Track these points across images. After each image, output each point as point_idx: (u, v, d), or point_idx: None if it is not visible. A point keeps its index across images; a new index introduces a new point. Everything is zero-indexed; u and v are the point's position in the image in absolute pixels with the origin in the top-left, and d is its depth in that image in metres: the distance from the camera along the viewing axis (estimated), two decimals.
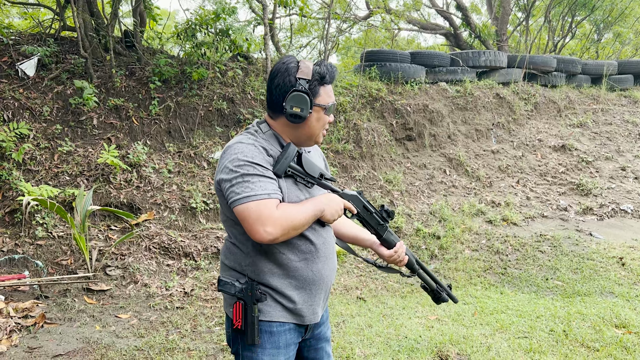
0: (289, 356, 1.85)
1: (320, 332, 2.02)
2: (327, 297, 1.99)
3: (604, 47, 16.21)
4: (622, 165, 8.76)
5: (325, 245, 1.87)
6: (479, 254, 6.04)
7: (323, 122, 1.83)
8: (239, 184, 1.65)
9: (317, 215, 1.75)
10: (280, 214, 1.64)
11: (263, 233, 1.62)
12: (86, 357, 3.52)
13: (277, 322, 1.80)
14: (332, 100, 1.83)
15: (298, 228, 1.70)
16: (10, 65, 6.38)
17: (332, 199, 1.82)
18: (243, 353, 1.81)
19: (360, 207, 1.94)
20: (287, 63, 1.78)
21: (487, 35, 12.70)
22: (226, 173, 1.68)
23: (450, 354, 3.59)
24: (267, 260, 1.78)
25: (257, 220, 1.61)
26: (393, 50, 9.42)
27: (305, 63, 1.77)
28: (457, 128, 8.85)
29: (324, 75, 1.78)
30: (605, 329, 4.06)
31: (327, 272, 1.88)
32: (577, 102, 10.48)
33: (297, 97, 1.72)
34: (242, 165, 1.67)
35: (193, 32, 6.86)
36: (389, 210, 1.98)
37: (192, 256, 5.16)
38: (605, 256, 5.92)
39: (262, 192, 1.64)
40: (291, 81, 1.74)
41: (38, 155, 5.57)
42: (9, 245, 4.76)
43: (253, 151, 1.70)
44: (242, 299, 1.75)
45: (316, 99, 1.78)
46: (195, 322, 4.13)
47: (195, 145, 6.46)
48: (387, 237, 2.00)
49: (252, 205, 1.62)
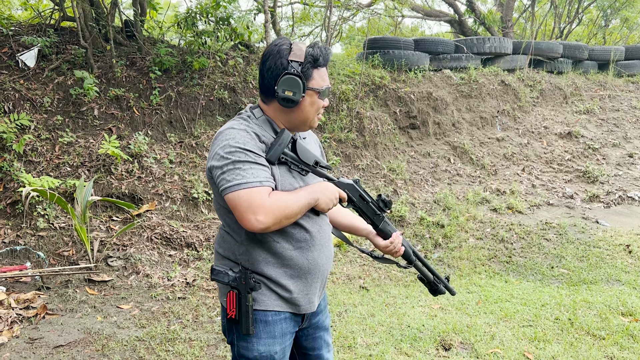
0: (285, 345, 1.82)
1: (318, 321, 1.98)
2: (324, 286, 1.95)
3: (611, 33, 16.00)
4: (629, 152, 8.65)
5: (320, 233, 1.83)
6: (484, 242, 5.99)
7: (317, 107, 1.77)
8: (230, 171, 1.60)
9: (310, 204, 1.70)
10: (272, 202, 1.59)
11: (254, 222, 1.57)
12: (87, 347, 3.51)
13: (272, 311, 1.77)
14: (327, 84, 1.77)
15: (291, 217, 1.65)
16: (10, 57, 6.34)
17: (326, 188, 1.76)
18: (238, 343, 1.78)
19: (356, 196, 1.89)
20: (280, 45, 1.71)
21: (492, 22, 12.54)
22: (217, 160, 1.64)
23: (453, 343, 3.56)
24: (262, 249, 1.74)
25: (248, 208, 1.57)
26: (396, 38, 9.31)
27: (297, 45, 1.70)
28: (462, 116, 8.75)
29: (318, 57, 1.71)
30: (612, 317, 4.01)
31: (322, 260, 1.84)
32: (584, 88, 10.35)
33: (289, 80, 1.66)
34: (233, 151, 1.62)
35: (193, 20, 6.79)
36: (386, 200, 1.93)
37: (194, 246, 5.14)
38: (612, 244, 5.85)
39: (253, 180, 1.59)
40: (283, 64, 1.68)
41: (39, 147, 5.55)
42: (10, 237, 4.75)
43: (245, 137, 1.65)
44: (236, 288, 1.71)
45: (309, 82, 1.71)
46: (197, 312, 4.11)
47: (197, 135, 6.42)
48: (384, 228, 1.96)
49: (243, 193, 1.58)
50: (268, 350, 1.76)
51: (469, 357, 3.39)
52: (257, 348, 1.75)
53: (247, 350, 1.76)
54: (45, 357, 3.36)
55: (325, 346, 2.03)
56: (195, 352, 3.46)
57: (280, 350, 1.79)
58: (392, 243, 1.98)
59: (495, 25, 12.68)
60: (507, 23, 12.84)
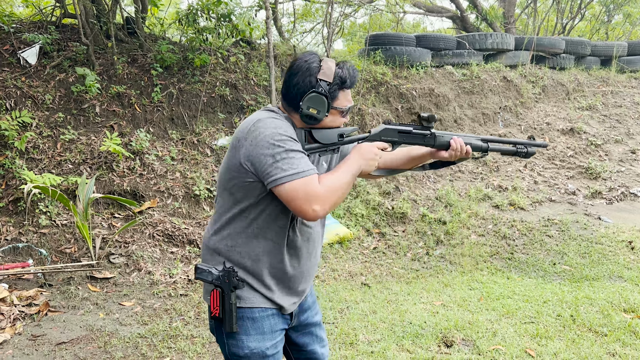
0: (276, 341, 1.82)
1: (306, 318, 2.00)
2: (309, 287, 1.98)
3: (613, 29, 15.92)
4: (632, 148, 8.62)
5: (310, 242, 1.85)
6: (486, 239, 5.98)
7: (338, 124, 1.80)
8: (284, 160, 1.58)
9: (355, 174, 1.72)
10: (324, 189, 1.61)
11: (312, 212, 1.59)
12: (89, 344, 3.52)
13: (258, 307, 1.77)
14: (350, 104, 1.80)
15: (342, 196, 1.67)
16: (12, 54, 6.34)
17: (363, 151, 1.77)
18: (228, 341, 1.78)
19: (395, 136, 1.88)
20: (310, 62, 1.72)
21: (494, 18, 12.49)
22: (266, 147, 1.59)
23: (455, 340, 3.55)
24: (259, 246, 1.75)
25: (306, 199, 1.58)
26: (398, 34, 9.27)
27: (327, 63, 1.72)
28: (464, 112, 8.73)
29: (345, 80, 1.73)
30: (614, 313, 4.00)
31: (307, 267, 1.87)
32: (586, 84, 10.30)
33: (315, 98, 1.68)
34: (285, 140, 1.61)
35: (195, 17, 6.78)
36: (426, 117, 1.89)
37: (195, 243, 5.14)
38: (614, 240, 5.84)
39: (307, 168, 1.60)
40: (312, 82, 1.69)
41: (41, 144, 5.55)
42: (13, 234, 4.77)
43: (289, 127, 1.67)
44: (220, 286, 1.72)
45: (334, 102, 1.74)
46: (198, 309, 4.12)
47: (198, 132, 6.42)
48: (439, 143, 1.93)
49: (299, 183, 1.58)
50: (259, 347, 1.76)
51: (470, 353, 3.39)
52: (248, 345, 1.76)
53: (237, 348, 1.77)
54: (47, 354, 3.37)
55: (319, 341, 2.04)
56: (197, 349, 3.46)
57: (271, 346, 1.80)
58: (455, 150, 1.96)
59: (498, 21, 12.63)
60: (509, 19, 12.79)
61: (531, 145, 2.10)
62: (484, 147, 2.03)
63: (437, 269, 5.31)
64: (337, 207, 6.09)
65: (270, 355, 1.80)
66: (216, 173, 6.01)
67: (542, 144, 2.14)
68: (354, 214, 6.13)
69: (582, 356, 3.34)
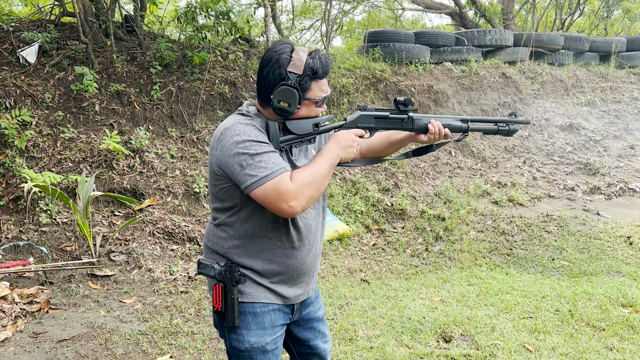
0: (276, 337, 1.84)
1: (309, 312, 2.00)
2: (313, 281, 1.98)
3: (612, 24, 15.91)
4: (630, 144, 8.64)
5: (311, 232, 1.85)
6: (485, 235, 6.00)
7: (315, 114, 1.77)
8: (250, 165, 1.60)
9: (334, 163, 1.71)
10: (296, 185, 1.61)
11: (288, 209, 1.60)
12: (90, 341, 3.54)
13: (260, 302, 1.79)
14: (325, 93, 1.76)
15: (320, 186, 1.66)
16: (11, 52, 6.35)
17: (340, 139, 1.76)
18: (229, 335, 1.80)
19: (371, 122, 1.87)
20: (280, 53, 1.68)
21: (492, 14, 12.49)
22: (232, 156, 1.62)
23: (454, 335, 3.58)
24: (252, 244, 1.76)
25: (278, 199, 1.59)
26: (397, 30, 9.28)
27: (298, 54, 1.68)
28: (463, 108, 8.74)
29: (317, 70, 1.69)
30: (612, 308, 4.03)
31: (310, 259, 1.87)
32: (585, 80, 10.31)
33: (285, 91, 1.65)
34: (250, 145, 1.62)
35: (193, 15, 6.79)
36: (402, 100, 1.89)
37: (196, 241, 5.16)
38: (613, 235, 5.86)
39: (275, 169, 1.60)
40: (281, 74, 1.66)
41: (41, 142, 5.57)
42: (13, 232, 4.78)
43: (254, 130, 1.66)
44: (222, 281, 1.74)
45: (307, 93, 1.70)
46: (199, 306, 4.14)
47: (198, 130, 6.43)
48: (417, 126, 1.92)
49: (269, 185, 1.59)
50: (259, 342, 1.78)
51: (469, 348, 3.41)
52: (248, 339, 1.77)
53: (238, 343, 1.78)
54: (49, 351, 3.39)
55: (321, 337, 2.05)
56: (198, 345, 3.49)
57: (271, 341, 1.81)
58: (433, 133, 1.94)
59: (496, 17, 12.63)
60: (508, 15, 12.79)
61: (512, 122, 2.09)
62: (464, 128, 2.01)
63: (436, 265, 5.33)
64: (337, 204, 6.11)
65: (270, 350, 1.81)
66: None
67: (524, 121, 2.12)
68: (353, 210, 6.15)
69: (580, 350, 3.36)
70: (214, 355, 3.38)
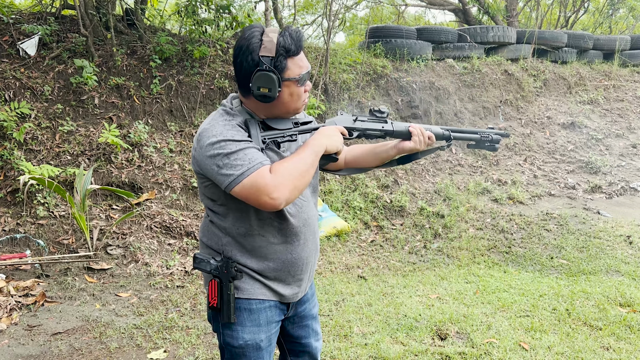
0: (270, 334, 1.82)
1: (304, 310, 1.98)
2: (311, 277, 1.95)
3: (617, 22, 15.81)
4: (632, 143, 8.59)
5: (306, 226, 1.82)
6: (484, 232, 5.98)
7: (298, 94, 1.70)
8: (226, 165, 1.57)
9: (318, 153, 1.68)
10: (276, 176, 1.56)
11: (271, 202, 1.55)
12: (85, 335, 3.53)
13: (256, 299, 1.77)
14: (304, 69, 1.68)
15: (304, 176, 1.62)
16: (11, 45, 6.33)
17: (325, 132, 1.74)
18: (224, 331, 1.78)
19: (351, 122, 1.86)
20: (249, 38, 1.62)
21: (496, 11, 12.42)
22: (209, 158, 1.59)
23: (449, 333, 3.56)
24: (246, 242, 1.73)
25: (257, 193, 1.55)
26: (398, 26, 9.23)
27: (268, 36, 1.61)
28: (464, 106, 8.70)
29: (289, 47, 1.62)
30: (610, 307, 4.00)
31: (307, 253, 1.83)
32: (588, 78, 10.25)
33: (262, 76, 1.60)
34: (224, 144, 1.58)
35: (194, 9, 6.76)
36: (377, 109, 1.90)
37: (193, 235, 5.15)
38: (613, 234, 5.83)
39: (251, 165, 1.56)
40: (254, 59, 1.60)
41: (39, 135, 5.56)
42: (10, 225, 4.78)
43: (230, 130, 1.62)
44: (218, 276, 1.71)
45: (284, 73, 1.63)
46: (195, 301, 4.13)
47: (197, 124, 6.41)
48: (399, 131, 1.92)
49: (246, 182, 1.55)
50: (253, 339, 1.76)
51: (464, 346, 3.39)
52: (242, 336, 1.75)
53: (232, 339, 1.76)
54: (43, 344, 3.39)
55: (314, 335, 2.03)
56: (192, 340, 3.48)
57: (265, 339, 1.80)
58: (417, 135, 1.94)
59: (500, 14, 12.56)
60: (511, 12, 12.71)
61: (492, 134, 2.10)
62: (446, 135, 2.03)
63: (434, 262, 5.31)
64: (335, 200, 6.09)
65: (264, 347, 1.80)
66: None
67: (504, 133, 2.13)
68: (352, 207, 6.13)
69: (576, 350, 3.34)
70: (208, 350, 3.37)
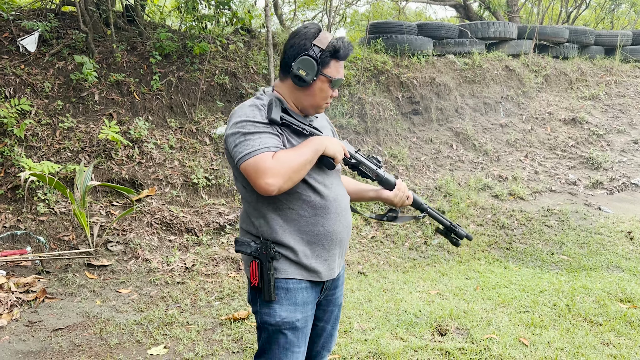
0: (306, 315, 1.88)
1: (334, 294, 2.05)
2: (343, 255, 2.02)
3: (618, 18, 15.76)
4: (634, 139, 8.57)
5: (337, 201, 1.89)
6: (484, 228, 5.97)
7: (326, 94, 1.85)
8: (241, 143, 1.70)
9: (317, 152, 1.76)
10: (275, 162, 1.66)
11: (265, 185, 1.65)
12: (86, 331, 3.54)
13: (293, 279, 1.84)
14: (340, 76, 1.85)
15: (299, 170, 1.71)
16: (11, 41, 6.33)
17: (331, 138, 1.84)
18: (261, 310, 1.85)
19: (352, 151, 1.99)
20: (309, 28, 1.82)
21: (497, 6, 12.37)
22: (231, 135, 1.74)
23: (449, 328, 3.56)
24: (278, 217, 1.82)
25: (256, 174, 1.65)
26: (399, 22, 9.20)
27: (325, 33, 1.80)
28: (465, 101, 8.68)
29: (339, 49, 1.79)
30: (610, 303, 4.00)
31: (339, 228, 1.90)
32: (590, 74, 10.22)
33: (305, 61, 1.76)
34: (245, 124, 1.71)
35: (194, 5, 6.74)
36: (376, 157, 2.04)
37: (193, 232, 5.16)
38: (614, 230, 5.82)
39: (260, 147, 1.67)
40: (306, 45, 1.78)
41: (40, 132, 5.56)
42: (11, 221, 4.79)
43: (254, 111, 1.75)
44: (258, 257, 1.81)
45: (324, 69, 1.80)
46: (195, 297, 4.14)
47: (197, 120, 6.41)
48: (387, 178, 2.04)
49: (250, 161, 1.66)
50: (289, 317, 1.83)
51: (464, 342, 3.39)
52: (279, 314, 1.82)
53: (269, 317, 1.83)
54: (43, 340, 3.40)
55: (333, 321, 2.10)
56: (192, 336, 3.48)
57: (302, 319, 1.86)
58: (400, 189, 2.07)
59: (501, 9, 12.52)
60: (513, 7, 12.67)
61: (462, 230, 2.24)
62: (424, 207, 2.17)
63: (435, 258, 5.31)
64: None
65: (299, 327, 1.86)
66: (214, 161, 6.01)
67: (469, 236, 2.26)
68: (352, 203, 6.12)
69: (576, 345, 3.34)
70: (208, 346, 3.37)
